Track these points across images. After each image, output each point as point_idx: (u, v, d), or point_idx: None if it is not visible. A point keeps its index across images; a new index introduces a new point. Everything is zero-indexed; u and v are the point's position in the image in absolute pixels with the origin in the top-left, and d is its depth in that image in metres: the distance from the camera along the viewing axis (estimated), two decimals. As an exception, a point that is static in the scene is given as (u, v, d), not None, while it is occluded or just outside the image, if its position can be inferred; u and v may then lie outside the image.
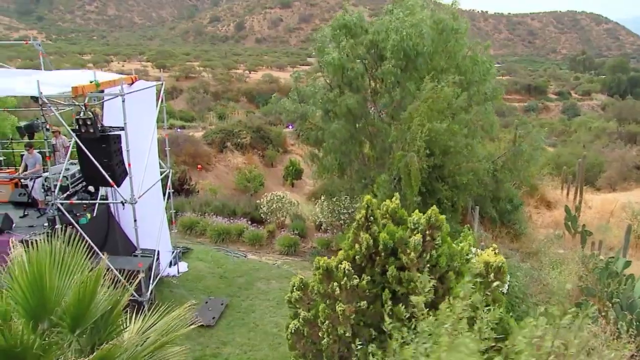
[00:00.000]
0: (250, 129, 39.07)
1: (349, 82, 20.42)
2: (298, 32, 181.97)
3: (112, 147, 11.95)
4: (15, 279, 6.08)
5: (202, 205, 21.78)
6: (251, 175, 33.44)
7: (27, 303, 6.11)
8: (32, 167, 14.35)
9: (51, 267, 6.32)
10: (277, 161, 38.70)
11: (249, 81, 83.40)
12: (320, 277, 8.90)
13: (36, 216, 14.00)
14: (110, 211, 14.56)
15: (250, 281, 15.95)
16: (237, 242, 19.46)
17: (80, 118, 11.40)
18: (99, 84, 12.00)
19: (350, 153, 20.64)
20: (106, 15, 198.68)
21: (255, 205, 21.85)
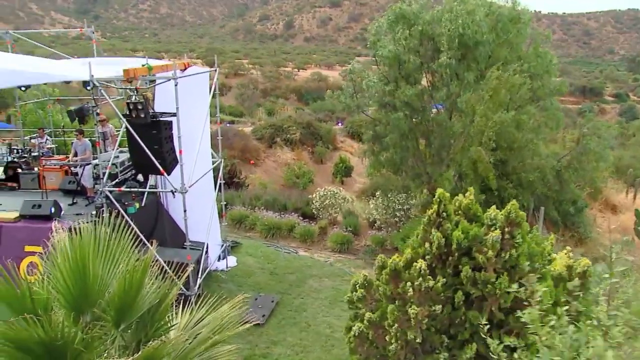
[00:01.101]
0: (300, 124, 38.48)
1: (405, 75, 19.58)
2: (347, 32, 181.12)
3: (163, 133, 11.41)
4: (57, 266, 5.50)
5: (252, 199, 21.22)
6: (300, 172, 32.87)
7: (69, 292, 5.52)
8: (81, 153, 13.98)
9: (95, 255, 5.72)
10: (327, 158, 37.99)
11: (298, 79, 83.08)
12: (387, 277, 8.09)
13: (84, 204, 13.62)
14: (159, 201, 14.08)
15: (301, 278, 15.27)
16: (288, 238, 18.81)
17: (131, 102, 10.89)
18: (152, 68, 11.51)
19: (408, 148, 19.76)
20: (158, 14, 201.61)
21: (306, 200, 21.18)
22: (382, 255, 8.69)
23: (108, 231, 5.88)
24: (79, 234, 5.61)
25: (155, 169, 11.41)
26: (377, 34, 20.77)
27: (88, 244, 5.63)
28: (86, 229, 5.69)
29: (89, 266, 5.58)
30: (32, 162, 15.99)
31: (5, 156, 17.21)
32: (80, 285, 5.55)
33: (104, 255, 5.85)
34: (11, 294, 5.51)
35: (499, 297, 7.54)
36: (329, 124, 43.01)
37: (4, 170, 16.07)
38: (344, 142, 40.85)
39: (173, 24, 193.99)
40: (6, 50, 16.18)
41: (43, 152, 15.97)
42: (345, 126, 42.88)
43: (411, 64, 18.76)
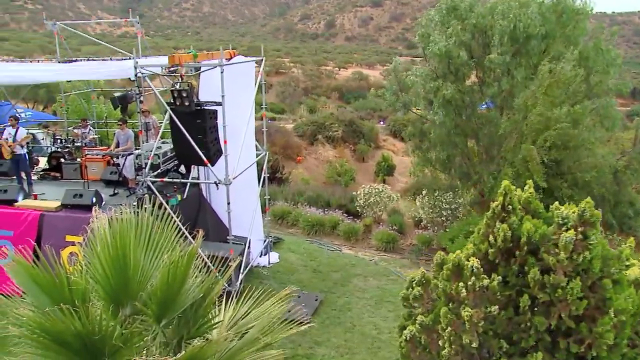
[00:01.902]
0: (342, 122, 37.96)
1: (454, 71, 18.88)
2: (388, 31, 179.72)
3: (208, 122, 11.02)
4: (96, 254, 5.10)
5: (294, 195, 20.79)
6: (342, 169, 32.39)
7: (108, 283, 5.12)
8: (123, 143, 13.70)
9: (136, 244, 5.31)
10: (369, 156, 37.38)
11: (339, 78, 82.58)
12: (448, 274, 7.47)
13: (126, 195, 13.39)
14: (201, 193, 13.73)
15: (346, 277, 14.74)
16: (331, 235, 18.30)
17: (176, 90, 10.55)
18: (197, 55, 11.15)
19: (455, 146, 19.05)
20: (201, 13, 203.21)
21: (350, 197, 20.65)
22: (441, 252, 8.09)
23: (150, 220, 5.48)
24: (119, 220, 5.21)
25: (198, 160, 11.03)
26: (426, 27, 20.11)
27: (129, 232, 5.22)
28: (127, 216, 5.29)
29: (129, 256, 5.17)
30: (75, 153, 15.87)
31: (50, 146, 17.15)
32: (120, 275, 5.15)
33: (146, 245, 5.44)
34: (49, 283, 5.14)
35: (570, 303, 6.88)
36: (371, 122, 42.39)
37: (48, 160, 15.98)
38: (386, 141, 40.20)
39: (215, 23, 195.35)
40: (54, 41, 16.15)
41: (86, 142, 15.82)
42: (388, 125, 42.24)
43: (460, 59, 18.05)
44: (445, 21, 19.07)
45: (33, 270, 5.16)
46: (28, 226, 12.10)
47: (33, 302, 5.25)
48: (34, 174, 15.22)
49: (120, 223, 5.18)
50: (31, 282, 5.23)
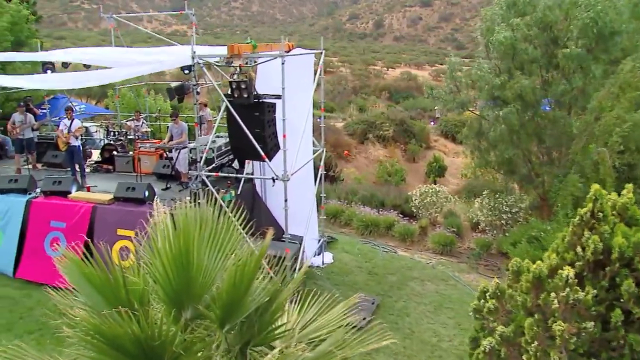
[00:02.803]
0: (393, 121, 37.25)
1: (520, 66, 17.99)
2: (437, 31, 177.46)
3: (266, 116, 10.56)
4: (156, 252, 4.63)
5: (347, 194, 20.22)
6: (392, 169, 31.70)
7: (169, 284, 4.63)
8: (177, 137, 13.40)
9: (200, 241, 4.82)
10: (420, 157, 36.58)
11: (387, 78, 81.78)
12: (528, 286, 6.81)
13: (178, 189, 13.11)
14: (255, 190, 13.30)
15: (402, 280, 14.11)
16: (386, 236, 17.66)
17: (234, 81, 10.11)
18: (256, 45, 10.68)
19: (517, 146, 18.16)
20: (250, 11, 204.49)
21: (405, 197, 19.98)
22: (517, 259, 7.41)
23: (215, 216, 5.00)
24: (183, 215, 4.73)
25: (255, 154, 10.58)
26: (490, 21, 19.27)
27: (193, 228, 4.74)
28: (191, 211, 4.81)
29: (193, 254, 4.68)
30: (128, 145, 15.68)
31: (102, 139, 17.04)
32: (182, 276, 4.65)
33: (210, 243, 4.96)
34: (104, 283, 4.70)
35: (670, 320, 6.16)
36: (422, 122, 41.57)
37: (100, 152, 15.85)
38: (437, 141, 39.33)
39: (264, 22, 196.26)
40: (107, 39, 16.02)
41: (138, 135, 15.62)
42: (439, 125, 41.35)
43: (527, 54, 17.18)
44: (506, 17, 18.23)
45: (86, 268, 4.72)
46: (80, 218, 11.90)
47: (86, 301, 4.84)
48: (87, 166, 15.10)
49: (184, 218, 4.70)
50: (84, 280, 4.79)
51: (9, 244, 12.42)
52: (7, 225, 12.52)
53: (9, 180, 12.97)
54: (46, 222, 12.22)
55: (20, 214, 12.45)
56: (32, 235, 12.29)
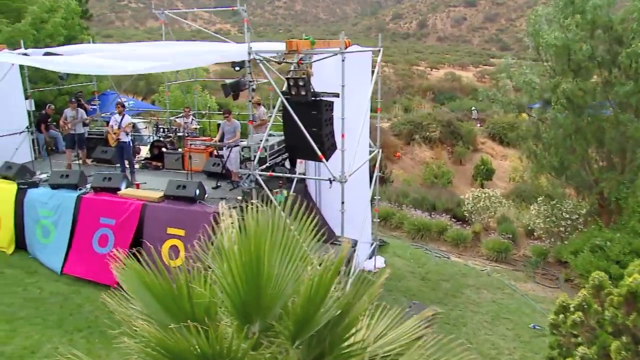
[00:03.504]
0: (439, 122, 36.54)
1: (576, 68, 17.22)
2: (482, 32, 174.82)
3: (324, 114, 10.15)
4: (225, 259, 4.26)
5: (398, 196, 19.74)
6: (439, 171, 31.03)
7: (238, 295, 4.24)
8: (229, 134, 13.09)
9: (271, 247, 4.44)
10: (466, 159, 35.79)
11: (431, 78, 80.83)
12: (619, 300, 6.24)
13: (229, 188, 12.80)
14: (307, 190, 12.92)
15: (457, 287, 13.57)
16: (438, 241, 17.14)
17: (292, 78, 9.72)
18: (314, 42, 10.29)
19: (574, 150, 17.38)
20: (293, 11, 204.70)
21: (457, 201, 19.40)
22: (599, 272, 6.83)
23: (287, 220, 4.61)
24: (255, 219, 4.34)
25: (312, 154, 10.17)
26: (537, 23, 18.53)
27: (265, 234, 4.35)
28: (262, 211, 4.42)
29: (263, 262, 4.30)
30: (177, 142, 15.49)
31: (151, 135, 16.90)
32: (252, 286, 4.27)
33: (282, 250, 4.57)
34: (167, 292, 4.35)
35: None
36: (468, 123, 40.71)
37: (150, 149, 15.70)
38: (485, 144, 38.45)
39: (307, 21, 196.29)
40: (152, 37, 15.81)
41: (188, 132, 15.40)
42: (486, 127, 40.43)
43: (582, 54, 16.41)
44: (559, 17, 17.48)
45: (147, 276, 4.39)
46: (130, 216, 11.69)
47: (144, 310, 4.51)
48: (136, 163, 14.95)
49: (255, 223, 4.31)
50: (143, 289, 4.45)
51: (60, 240, 12.31)
52: (59, 221, 12.42)
53: (60, 176, 12.90)
54: (96, 219, 12.05)
55: (71, 210, 12.33)
56: (81, 232, 12.14)
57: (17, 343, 9.37)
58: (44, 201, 12.71)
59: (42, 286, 11.51)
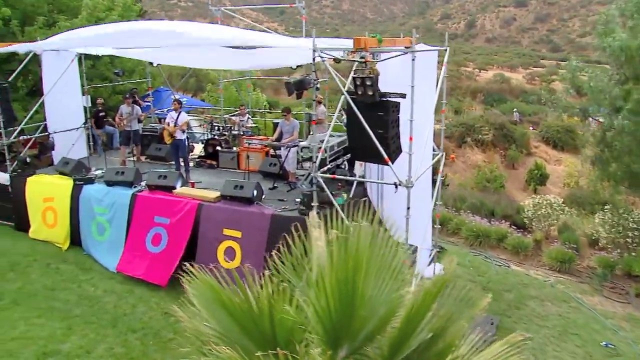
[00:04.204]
0: (492, 125, 35.69)
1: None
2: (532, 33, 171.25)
3: (390, 116, 9.68)
4: (320, 277, 3.86)
5: (455, 201, 19.14)
6: (491, 175, 30.25)
7: (329, 318, 3.85)
8: (288, 134, 12.74)
9: (369, 265, 4.03)
10: (519, 163, 34.89)
11: (479, 80, 79.46)
12: None
13: (286, 190, 12.45)
14: (366, 194, 12.48)
15: (520, 298, 12.95)
16: (497, 248, 16.51)
17: (359, 77, 9.28)
18: (382, 40, 9.84)
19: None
20: (340, 10, 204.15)
21: (517, 207, 18.71)
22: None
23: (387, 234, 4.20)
24: (355, 233, 3.94)
25: (376, 157, 9.71)
26: (608, 24, 17.70)
27: (364, 250, 3.94)
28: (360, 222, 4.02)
29: (359, 280, 3.90)
30: (232, 141, 15.24)
31: (205, 133, 16.72)
32: (345, 307, 3.86)
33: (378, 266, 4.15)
34: (246, 312, 3.98)
35: None
36: (522, 126, 39.72)
37: (204, 147, 15.50)
38: (538, 148, 37.47)
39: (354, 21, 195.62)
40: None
41: (243, 130, 15.14)
42: (540, 130, 39.37)
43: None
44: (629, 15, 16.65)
45: (223, 293, 4.03)
46: (185, 215, 11.44)
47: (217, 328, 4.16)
48: (190, 161, 14.77)
49: (356, 236, 3.91)
50: (219, 307, 4.09)
51: (115, 238, 12.17)
52: (114, 218, 12.29)
53: (115, 173, 12.76)
54: (150, 217, 11.85)
55: (125, 208, 12.17)
56: (135, 230, 11.96)
57: (73, 342, 9.24)
58: (99, 198, 12.59)
59: (96, 284, 11.38)
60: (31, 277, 11.58)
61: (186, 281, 4.22)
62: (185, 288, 4.24)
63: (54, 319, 9.96)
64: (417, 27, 64.49)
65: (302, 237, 4.46)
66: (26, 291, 10.97)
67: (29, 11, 18.92)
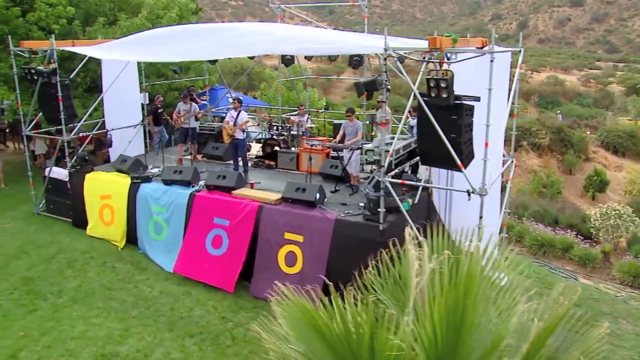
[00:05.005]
0: (549, 129, 34.62)
1: None
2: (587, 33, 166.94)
3: (464, 120, 9.18)
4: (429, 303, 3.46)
5: (517, 207, 18.45)
6: (548, 181, 29.30)
7: (435, 348, 3.45)
8: (351, 135, 12.34)
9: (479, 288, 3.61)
10: (577, 169, 33.75)
11: (531, 82, 77.77)
12: None
13: (347, 193, 12.03)
14: (430, 199, 12.01)
15: (591, 315, 12.22)
16: (562, 259, 15.76)
17: (434, 78, 8.82)
18: (457, 40, 9.37)
19: None
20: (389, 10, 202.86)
21: (582, 216, 17.92)
22: None
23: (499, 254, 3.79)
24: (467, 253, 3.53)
25: (448, 162, 9.24)
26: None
27: (476, 272, 3.53)
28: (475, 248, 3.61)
29: (469, 307, 3.49)
30: (290, 141, 14.93)
31: (262, 132, 16.47)
32: (452, 335, 3.46)
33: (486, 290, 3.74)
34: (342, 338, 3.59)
35: None
36: (579, 131, 38.51)
37: (262, 147, 15.24)
38: (597, 153, 36.20)
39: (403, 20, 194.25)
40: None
41: (302, 131, 14.82)
42: (599, 135, 38.07)
43: None
44: None
45: (318, 316, 3.65)
46: (245, 217, 11.13)
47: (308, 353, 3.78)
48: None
49: (469, 257, 3.49)
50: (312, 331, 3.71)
51: (173, 238, 11.98)
52: (171, 218, 12.11)
53: (173, 171, 12.58)
54: (209, 219, 11.59)
55: (183, 208, 11.96)
56: (194, 231, 11.72)
57: (130, 344, 9.08)
58: (156, 197, 12.44)
59: (152, 284, 11.22)
60: (88, 275, 11.53)
61: (274, 300, 3.87)
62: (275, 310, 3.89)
63: (111, 319, 9.84)
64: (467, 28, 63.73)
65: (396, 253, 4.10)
66: (84, 289, 10.93)
67: (92, 10, 19.07)
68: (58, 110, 13.45)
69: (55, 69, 13.26)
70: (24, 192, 15.52)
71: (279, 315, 3.88)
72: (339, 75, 55.48)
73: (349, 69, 15.90)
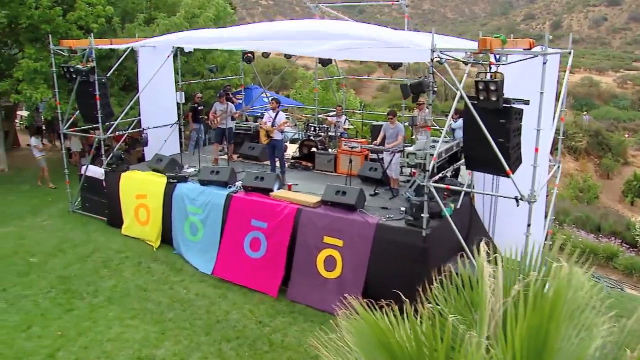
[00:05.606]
0: (587, 132, 33.90)
1: None
2: (624, 34, 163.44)
3: (513, 124, 8.86)
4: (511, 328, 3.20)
5: (558, 214, 17.98)
6: (585, 185, 28.62)
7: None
8: (392, 138, 12.07)
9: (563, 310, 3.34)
10: (615, 173, 32.97)
11: (565, 83, 76.37)
12: None
13: (388, 197, 11.76)
14: (472, 204, 11.68)
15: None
16: (606, 268, 15.26)
17: (483, 81, 8.52)
18: (506, 41, 9.04)
19: None
20: (421, 10, 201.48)
21: (626, 223, 17.39)
22: None
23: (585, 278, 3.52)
24: (557, 276, 3.27)
25: (496, 167, 8.91)
26: None
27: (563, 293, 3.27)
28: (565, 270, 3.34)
29: (552, 330, 3.23)
30: (328, 142, 14.71)
31: (298, 133, 16.28)
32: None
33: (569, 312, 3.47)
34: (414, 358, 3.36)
35: None
36: (617, 134, 37.64)
37: (299, 148, 15.05)
38: (636, 157, 35.33)
39: (434, 20, 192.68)
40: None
41: (340, 132, 14.59)
42: (639, 138, 37.21)
43: None
44: None
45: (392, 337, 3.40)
46: (284, 220, 10.91)
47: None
48: (285, 162, 14.37)
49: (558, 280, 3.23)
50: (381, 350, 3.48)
51: (209, 240, 11.84)
52: (208, 220, 11.96)
53: (210, 172, 12.44)
54: (247, 221, 11.41)
55: (220, 209, 11.80)
56: (232, 233, 11.56)
57: (167, 348, 8.93)
58: (192, 197, 12.31)
59: (188, 286, 11.08)
60: (124, 276, 11.46)
61: (342, 314, 3.64)
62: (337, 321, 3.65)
63: (147, 321, 9.72)
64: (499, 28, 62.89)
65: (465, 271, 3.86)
66: (120, 290, 10.85)
67: (130, 8, 19.13)
68: (95, 109, 13.46)
69: (93, 67, 13.27)
70: (60, 190, 15.57)
71: (348, 330, 3.65)
72: (369, 75, 55.18)
73: (379, 69, 15.67)
